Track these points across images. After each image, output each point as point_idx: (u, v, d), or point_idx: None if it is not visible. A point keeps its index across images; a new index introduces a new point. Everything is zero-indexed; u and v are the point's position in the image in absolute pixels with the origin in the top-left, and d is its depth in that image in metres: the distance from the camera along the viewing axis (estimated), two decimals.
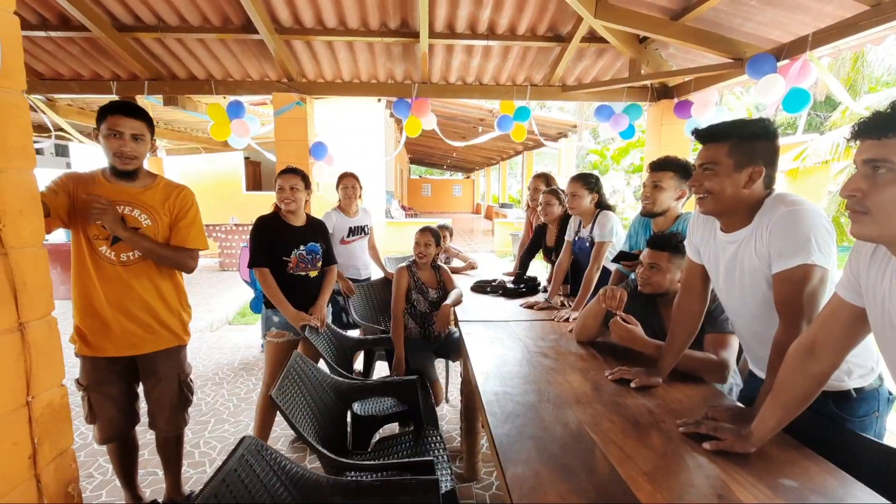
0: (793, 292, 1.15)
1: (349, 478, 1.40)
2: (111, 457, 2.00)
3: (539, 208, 3.02)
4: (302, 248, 2.34)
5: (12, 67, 1.20)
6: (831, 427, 1.21)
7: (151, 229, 1.76)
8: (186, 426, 2.09)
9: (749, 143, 1.20)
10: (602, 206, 2.49)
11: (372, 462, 1.55)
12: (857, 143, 0.86)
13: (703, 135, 1.27)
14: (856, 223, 0.88)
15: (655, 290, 1.73)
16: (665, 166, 1.96)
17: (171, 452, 2.08)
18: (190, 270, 1.88)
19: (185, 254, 1.85)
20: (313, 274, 2.39)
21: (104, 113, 1.65)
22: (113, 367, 1.82)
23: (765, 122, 1.22)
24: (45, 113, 4.48)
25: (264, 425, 2.41)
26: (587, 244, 2.47)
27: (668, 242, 1.70)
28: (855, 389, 1.20)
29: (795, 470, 1.06)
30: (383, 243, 9.67)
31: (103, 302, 1.73)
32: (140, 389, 1.97)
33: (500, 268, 3.76)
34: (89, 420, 1.87)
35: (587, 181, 2.49)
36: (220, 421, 2.91)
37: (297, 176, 2.33)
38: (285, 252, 2.31)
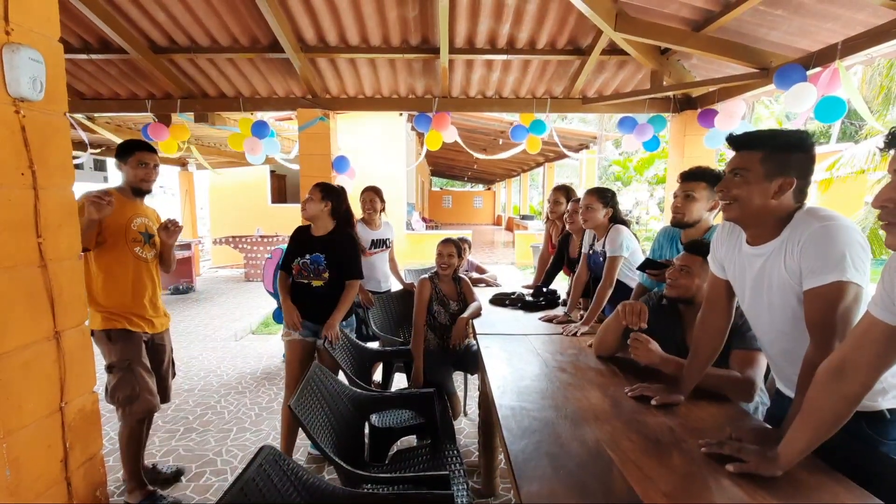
0: (825, 310, 1.11)
1: (365, 490, 1.40)
2: (132, 438, 2.16)
3: (565, 217, 3.00)
4: (307, 256, 2.42)
5: (55, 91, 1.28)
6: (865, 450, 1.15)
7: (157, 238, 2.30)
8: None
9: (783, 153, 1.18)
10: (616, 220, 2.46)
11: (387, 475, 1.56)
12: (892, 152, 0.83)
13: (737, 141, 1.25)
14: (890, 234, 0.85)
15: (682, 294, 1.70)
16: (698, 176, 1.93)
17: (148, 426, 2.36)
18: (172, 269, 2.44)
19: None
20: (316, 283, 2.43)
21: (131, 149, 2.17)
22: (143, 344, 2.18)
23: (802, 133, 1.20)
24: (90, 131, 4.72)
25: (290, 432, 2.46)
26: (601, 259, 2.44)
27: (704, 248, 1.67)
28: (889, 410, 1.14)
29: (825, 496, 1.01)
30: (403, 255, 9.75)
31: (138, 289, 2.17)
32: None
33: (520, 280, 3.75)
34: (131, 396, 2.07)
35: (603, 195, 2.47)
36: (242, 430, 2.96)
37: (317, 188, 2.44)
38: (293, 260, 2.45)
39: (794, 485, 1.05)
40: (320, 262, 2.42)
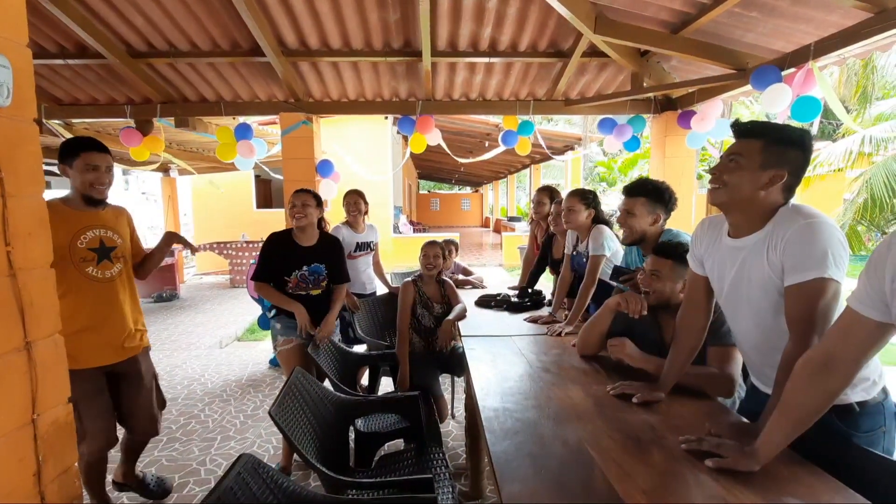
0: (806, 306, 1.13)
1: (349, 496, 1.39)
2: (91, 471, 2.01)
3: (550, 218, 3.02)
4: (304, 268, 2.38)
5: (24, 97, 1.25)
6: (837, 442, 1.18)
7: (124, 246, 1.99)
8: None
9: (782, 146, 1.19)
10: (598, 221, 2.48)
11: (370, 480, 1.54)
12: None
13: (740, 128, 1.27)
14: None
15: (658, 300, 1.70)
16: (635, 191, 1.93)
17: (140, 448, 2.26)
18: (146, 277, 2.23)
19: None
20: (315, 292, 2.42)
21: (76, 149, 1.82)
22: (100, 378, 1.93)
23: (804, 131, 1.22)
24: (63, 137, 4.63)
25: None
26: (584, 259, 2.46)
27: (672, 250, 1.68)
28: (857, 403, 1.17)
29: (801, 488, 1.03)
30: (391, 258, 9.72)
31: (94, 316, 1.88)
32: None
33: (507, 281, 3.76)
34: (79, 437, 1.85)
35: (584, 197, 2.49)
36: (227, 438, 2.92)
37: (309, 194, 2.41)
38: (286, 272, 2.37)
39: (770, 478, 1.06)
40: (321, 273, 2.42)
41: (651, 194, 1.90)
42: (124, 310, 1.98)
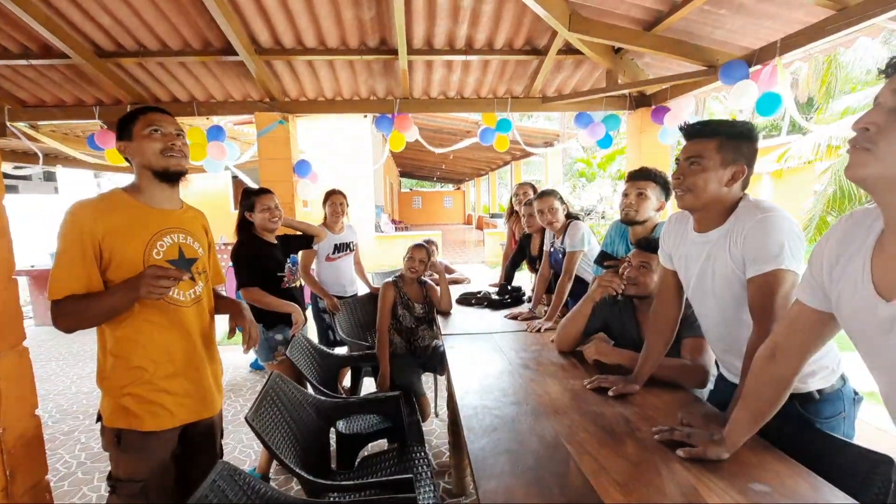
0: (767, 297, 1.17)
1: (330, 498, 1.39)
2: None
3: (523, 220, 3.05)
4: (289, 261, 2.45)
5: None
6: (801, 429, 1.22)
7: (204, 259, 1.46)
8: None
9: (735, 141, 1.23)
10: (570, 216, 2.54)
11: (351, 482, 1.54)
12: (888, 79, 0.77)
13: (691, 130, 1.29)
14: (855, 160, 0.78)
15: (641, 292, 1.73)
16: (648, 176, 2.01)
17: None
18: None
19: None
20: (297, 284, 2.50)
21: (134, 116, 1.36)
22: (174, 443, 1.39)
23: (749, 124, 1.26)
24: (32, 140, 4.47)
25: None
26: (560, 255, 2.50)
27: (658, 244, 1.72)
28: (818, 391, 1.22)
29: (767, 473, 1.07)
30: (372, 258, 9.67)
31: (178, 352, 1.36)
32: None
33: (490, 278, 3.77)
34: None
35: (557, 195, 2.55)
36: None
37: (274, 196, 2.44)
38: (279, 268, 2.38)
39: (738, 465, 1.10)
40: (296, 262, 2.56)
41: (660, 181, 2.00)
42: (212, 342, 1.49)
